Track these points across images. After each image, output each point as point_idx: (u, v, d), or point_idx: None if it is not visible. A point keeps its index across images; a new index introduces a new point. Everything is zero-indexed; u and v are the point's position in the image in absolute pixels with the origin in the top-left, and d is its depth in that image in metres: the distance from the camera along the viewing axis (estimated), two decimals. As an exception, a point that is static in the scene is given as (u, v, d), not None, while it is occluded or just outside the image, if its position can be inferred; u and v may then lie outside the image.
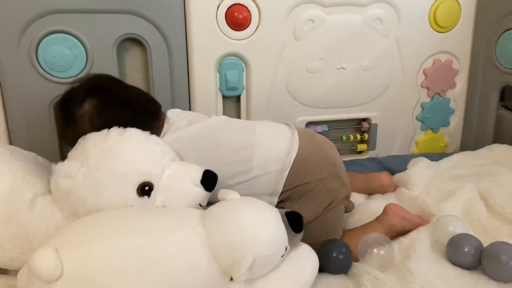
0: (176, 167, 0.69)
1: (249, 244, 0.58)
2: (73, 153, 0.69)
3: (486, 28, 1.19)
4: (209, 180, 0.69)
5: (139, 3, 0.97)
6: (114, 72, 1.00)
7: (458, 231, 0.73)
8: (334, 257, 0.70)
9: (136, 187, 0.65)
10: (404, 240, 0.77)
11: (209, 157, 0.77)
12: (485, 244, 0.71)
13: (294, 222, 0.62)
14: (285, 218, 0.62)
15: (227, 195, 0.65)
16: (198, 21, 1.02)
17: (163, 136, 0.79)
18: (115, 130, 0.70)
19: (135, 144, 0.68)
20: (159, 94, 1.04)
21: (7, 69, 0.94)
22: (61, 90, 0.97)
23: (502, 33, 1.15)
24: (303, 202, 0.78)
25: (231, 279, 0.60)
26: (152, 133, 0.75)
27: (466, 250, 0.69)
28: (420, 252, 0.71)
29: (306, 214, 0.73)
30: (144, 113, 0.80)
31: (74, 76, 0.97)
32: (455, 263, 0.70)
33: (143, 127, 0.75)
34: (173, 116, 0.84)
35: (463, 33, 1.21)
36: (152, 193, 0.66)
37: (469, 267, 0.69)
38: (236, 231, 0.59)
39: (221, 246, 0.58)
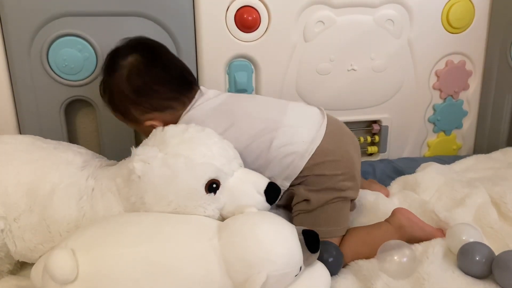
0: (243, 172, 0.70)
1: (264, 262, 0.57)
2: (149, 141, 0.70)
3: (501, 29, 1.16)
4: (272, 192, 0.69)
5: (148, 6, 0.98)
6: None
7: (472, 240, 0.72)
8: (323, 259, 0.68)
9: (206, 182, 0.65)
10: (419, 246, 0.75)
11: (234, 130, 0.78)
12: (497, 252, 0.69)
13: (311, 241, 0.61)
14: (302, 237, 0.61)
15: (245, 208, 0.65)
16: (208, 23, 1.02)
17: (194, 104, 0.81)
18: (194, 126, 0.71)
19: (213, 142, 0.69)
20: (169, 96, 1.04)
21: (19, 72, 0.95)
22: (72, 92, 0.99)
23: (518, 34, 1.13)
24: (312, 189, 0.78)
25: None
26: (184, 101, 0.80)
27: (477, 258, 0.67)
28: (433, 259, 0.70)
29: (316, 199, 0.76)
30: (180, 80, 0.83)
31: (85, 79, 0.98)
32: (466, 271, 0.69)
33: (177, 93, 0.80)
34: (206, 90, 0.86)
35: (477, 34, 1.19)
36: (218, 191, 0.66)
37: (480, 276, 0.68)
38: (252, 247, 0.58)
39: (236, 261, 0.58)
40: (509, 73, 1.17)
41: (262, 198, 0.68)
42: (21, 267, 0.77)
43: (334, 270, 0.71)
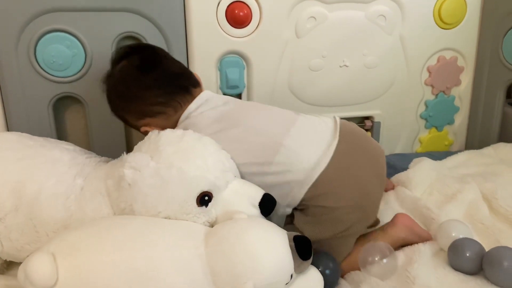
0: (237, 184, 0.67)
1: (251, 272, 0.55)
2: (142, 146, 0.67)
3: (493, 25, 1.16)
4: (267, 204, 0.66)
5: (138, 1, 0.96)
6: (113, 71, 0.99)
7: (461, 236, 0.72)
8: (320, 271, 0.65)
9: (197, 195, 0.63)
10: (407, 245, 0.75)
11: (237, 144, 0.72)
12: (488, 248, 0.69)
13: (302, 248, 0.59)
14: (293, 244, 0.59)
15: (234, 214, 0.63)
16: (198, 19, 1.01)
17: (195, 111, 0.77)
18: (191, 134, 0.68)
19: (209, 152, 0.66)
20: (159, 93, 1.03)
21: (6, 68, 0.93)
22: (61, 89, 0.98)
23: (509, 30, 1.13)
24: (312, 221, 0.71)
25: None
26: (174, 106, 0.78)
27: (467, 255, 0.68)
28: (422, 257, 0.70)
29: (312, 234, 0.68)
30: (169, 84, 0.79)
31: (73, 75, 0.97)
32: (457, 268, 0.69)
33: (165, 98, 0.77)
34: (213, 95, 0.82)
35: (469, 30, 1.19)
36: (210, 204, 0.64)
37: (471, 272, 0.68)
38: (239, 256, 0.56)
39: (222, 270, 0.56)
40: (501, 69, 1.17)
41: (256, 211, 0.66)
42: (8, 266, 0.75)
43: (331, 283, 0.67)
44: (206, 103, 0.79)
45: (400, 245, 0.76)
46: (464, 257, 0.68)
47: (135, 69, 0.79)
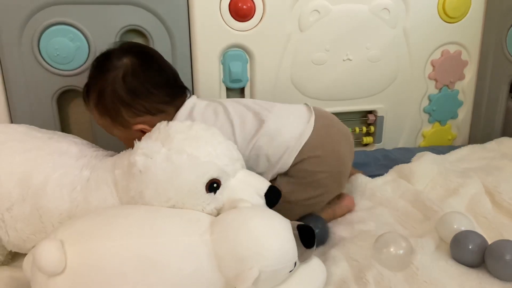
0: (245, 174, 0.69)
1: (256, 257, 0.56)
2: (153, 134, 0.68)
3: (497, 18, 1.16)
4: (273, 195, 0.68)
5: (141, -6, 0.96)
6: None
7: (463, 228, 0.72)
8: None
9: (207, 181, 0.64)
10: (408, 236, 0.75)
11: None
12: (491, 241, 0.69)
13: (306, 237, 0.60)
14: (297, 232, 0.60)
15: (239, 202, 0.64)
16: (202, 12, 1.01)
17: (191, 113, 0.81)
18: (199, 124, 0.70)
19: (217, 141, 0.68)
20: (162, 86, 1.03)
21: (10, 62, 0.94)
22: (64, 82, 0.98)
23: (514, 24, 1.12)
24: (292, 181, 0.79)
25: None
26: (176, 105, 0.81)
27: (470, 247, 0.67)
28: (425, 248, 0.70)
29: (289, 193, 0.77)
30: (174, 84, 0.83)
31: (77, 68, 0.97)
32: (459, 260, 0.69)
33: (171, 97, 0.80)
34: (198, 101, 0.85)
35: (473, 24, 1.18)
36: (218, 191, 0.65)
37: (473, 265, 0.68)
38: (244, 242, 0.57)
39: (227, 256, 0.57)
40: (505, 63, 1.16)
41: (262, 201, 0.67)
42: (13, 258, 0.76)
43: (323, 238, 0.77)
44: (196, 108, 0.83)
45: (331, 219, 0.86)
46: (467, 249, 0.68)
47: (147, 66, 0.80)
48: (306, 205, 0.81)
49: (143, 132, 0.76)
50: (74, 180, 0.70)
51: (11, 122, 0.97)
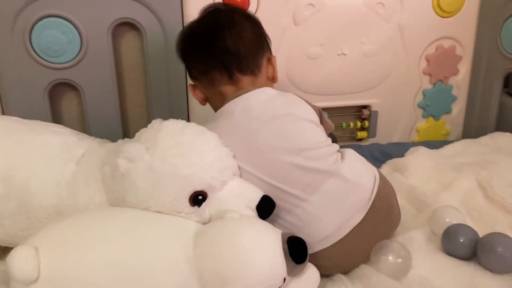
0: (235, 184, 0.64)
1: (240, 277, 0.52)
2: (143, 134, 0.64)
3: (491, 13, 1.16)
4: (265, 207, 0.62)
5: (134, -13, 0.95)
6: (109, 58, 0.99)
7: (455, 222, 0.72)
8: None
9: (189, 194, 0.60)
10: (401, 231, 0.76)
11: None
12: (483, 235, 0.70)
13: (296, 251, 0.55)
14: (286, 246, 0.55)
15: (225, 213, 0.59)
16: (195, 5, 0.99)
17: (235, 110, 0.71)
18: (194, 127, 0.64)
19: (208, 149, 0.63)
20: (156, 81, 1.03)
21: (1, 55, 0.93)
22: (56, 75, 0.97)
23: (507, 18, 1.12)
24: None
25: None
26: (212, 81, 0.76)
27: (461, 240, 0.68)
28: (416, 243, 0.71)
29: None
30: (219, 62, 0.75)
31: (69, 61, 0.96)
32: (451, 253, 0.69)
33: (208, 70, 0.75)
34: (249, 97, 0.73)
35: (467, 19, 1.18)
36: (204, 204, 0.62)
37: (464, 258, 0.68)
38: (226, 260, 0.53)
39: (209, 274, 0.54)
40: (499, 58, 1.16)
41: (252, 213, 0.62)
42: (4, 251, 0.75)
43: None
44: (246, 107, 0.70)
45: None
46: (458, 242, 0.68)
47: (203, 33, 0.77)
48: None
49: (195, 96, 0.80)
50: (58, 175, 0.68)
51: (3, 114, 0.97)
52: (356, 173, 0.67)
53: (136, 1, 0.97)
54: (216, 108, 0.77)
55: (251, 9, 1.04)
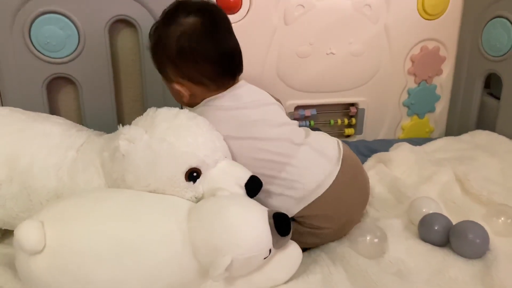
0: (226, 164, 0.69)
1: (229, 246, 0.58)
2: (140, 120, 0.70)
3: (473, 16, 1.21)
4: (253, 185, 0.68)
5: (131, -16, 0.98)
6: (105, 53, 1.02)
7: (431, 211, 0.77)
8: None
9: (186, 170, 0.66)
10: (380, 219, 0.80)
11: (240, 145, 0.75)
12: (456, 223, 0.74)
13: (281, 225, 0.61)
14: (272, 221, 0.61)
15: (217, 191, 0.65)
16: (189, 4, 1.03)
17: (222, 104, 0.78)
18: (186, 113, 0.70)
19: (201, 131, 0.69)
20: (151, 77, 1.06)
21: (1, 49, 0.95)
22: (54, 69, 1.00)
23: (489, 21, 1.17)
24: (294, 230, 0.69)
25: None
26: (218, 85, 0.79)
27: (436, 228, 0.73)
28: (394, 230, 0.75)
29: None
30: (226, 65, 0.79)
31: (67, 56, 0.99)
32: (426, 240, 0.74)
33: (216, 75, 0.78)
34: (241, 94, 0.80)
35: (451, 21, 1.23)
36: (198, 180, 0.67)
37: (438, 244, 0.73)
38: (218, 231, 0.59)
39: (202, 244, 0.59)
40: (480, 59, 1.21)
41: (242, 191, 0.68)
42: (4, 235, 0.79)
43: None
44: (238, 100, 0.79)
45: None
46: (433, 230, 0.73)
47: (207, 35, 0.76)
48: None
49: (182, 93, 0.79)
50: (59, 161, 0.72)
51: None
52: (322, 144, 0.79)
53: (133, -1, 1.00)
54: (196, 103, 0.82)
55: (244, 9, 1.07)
